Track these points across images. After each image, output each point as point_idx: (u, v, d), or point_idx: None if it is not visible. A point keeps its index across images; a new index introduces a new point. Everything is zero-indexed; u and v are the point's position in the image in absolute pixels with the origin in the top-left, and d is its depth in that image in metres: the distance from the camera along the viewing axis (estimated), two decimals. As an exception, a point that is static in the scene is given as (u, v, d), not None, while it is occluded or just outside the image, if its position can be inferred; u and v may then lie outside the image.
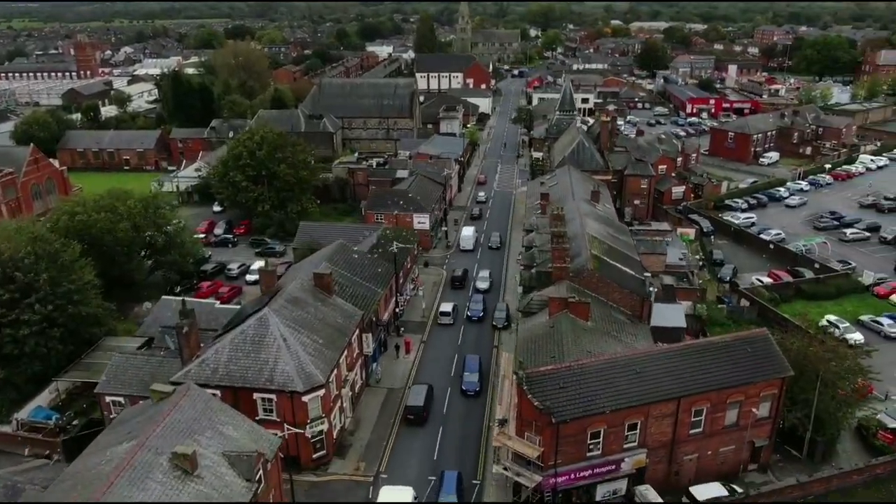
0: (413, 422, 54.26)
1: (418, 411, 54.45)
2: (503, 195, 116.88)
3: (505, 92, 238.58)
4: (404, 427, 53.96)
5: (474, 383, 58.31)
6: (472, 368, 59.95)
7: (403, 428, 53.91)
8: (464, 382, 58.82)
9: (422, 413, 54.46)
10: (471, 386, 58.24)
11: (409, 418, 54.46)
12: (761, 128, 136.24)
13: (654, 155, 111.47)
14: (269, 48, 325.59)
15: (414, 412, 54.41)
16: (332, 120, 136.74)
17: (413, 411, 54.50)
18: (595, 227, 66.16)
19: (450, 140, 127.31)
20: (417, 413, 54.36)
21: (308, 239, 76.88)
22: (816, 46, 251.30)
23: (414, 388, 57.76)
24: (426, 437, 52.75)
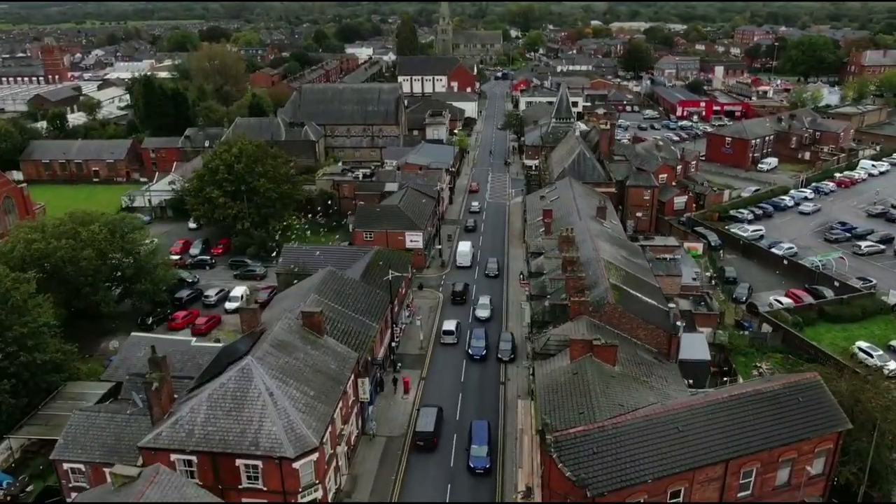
0: (423, 448, 51.09)
1: (428, 437, 51.25)
2: (496, 207, 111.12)
3: (490, 95, 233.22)
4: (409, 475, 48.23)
5: (483, 459, 48.84)
6: (481, 439, 50.16)
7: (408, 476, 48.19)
8: (471, 458, 49.09)
9: (432, 439, 51.25)
10: (479, 463, 48.75)
11: (418, 444, 51.27)
12: (759, 132, 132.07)
13: (654, 163, 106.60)
14: (246, 51, 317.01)
15: (423, 438, 51.21)
16: (314, 128, 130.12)
17: (423, 437, 51.28)
18: (608, 250, 60.62)
19: (438, 148, 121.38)
20: (427, 439, 51.15)
21: (292, 263, 70.48)
22: (801, 47, 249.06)
23: (423, 412, 54.10)
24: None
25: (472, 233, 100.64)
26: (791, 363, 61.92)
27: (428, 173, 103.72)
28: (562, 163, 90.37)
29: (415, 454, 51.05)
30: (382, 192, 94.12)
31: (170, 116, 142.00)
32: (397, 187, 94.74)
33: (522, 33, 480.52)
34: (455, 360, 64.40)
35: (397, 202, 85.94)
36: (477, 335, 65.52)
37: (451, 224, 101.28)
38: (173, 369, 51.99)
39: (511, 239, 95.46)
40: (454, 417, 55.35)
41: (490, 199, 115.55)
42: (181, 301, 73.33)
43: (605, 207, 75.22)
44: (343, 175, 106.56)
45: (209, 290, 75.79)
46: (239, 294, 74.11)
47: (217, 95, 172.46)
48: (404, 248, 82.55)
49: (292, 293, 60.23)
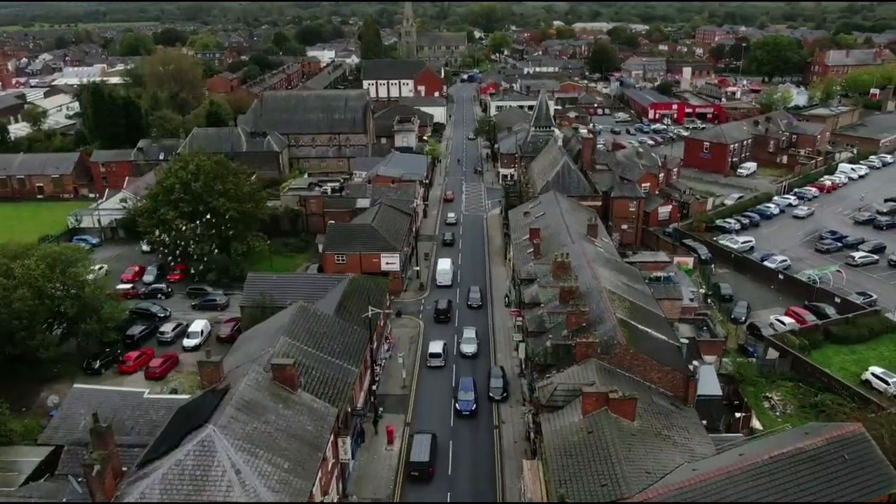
0: (418, 479, 48.59)
1: (423, 467, 48.84)
2: (473, 220, 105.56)
3: (457, 98, 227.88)
4: None
5: None
6: None
7: None
8: None
9: (427, 469, 48.85)
10: None
11: (412, 475, 48.78)
12: (737, 136, 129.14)
13: (636, 172, 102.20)
14: (202, 54, 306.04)
15: (418, 468, 48.83)
16: (277, 137, 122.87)
17: (417, 467, 48.85)
18: (608, 277, 55.42)
19: (410, 158, 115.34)
20: (422, 469, 48.79)
21: (258, 295, 63.80)
22: (766, 47, 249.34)
23: (417, 439, 51.42)
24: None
25: (451, 247, 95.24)
26: (803, 392, 57.75)
27: (401, 186, 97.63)
28: (544, 175, 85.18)
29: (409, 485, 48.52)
30: (354, 208, 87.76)
31: (121, 127, 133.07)
32: (369, 203, 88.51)
33: (485, 34, 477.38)
34: (443, 391, 58.64)
35: (370, 220, 79.68)
36: (464, 385, 57.88)
37: (427, 240, 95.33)
38: (123, 430, 45.46)
39: (492, 256, 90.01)
40: (446, 471, 49.57)
41: (466, 210, 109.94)
42: (133, 339, 65.91)
43: (596, 225, 70.12)
44: (310, 189, 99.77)
45: (165, 326, 68.42)
46: (198, 329, 67.04)
47: (172, 103, 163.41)
48: (379, 270, 76.56)
49: (259, 333, 53.64)
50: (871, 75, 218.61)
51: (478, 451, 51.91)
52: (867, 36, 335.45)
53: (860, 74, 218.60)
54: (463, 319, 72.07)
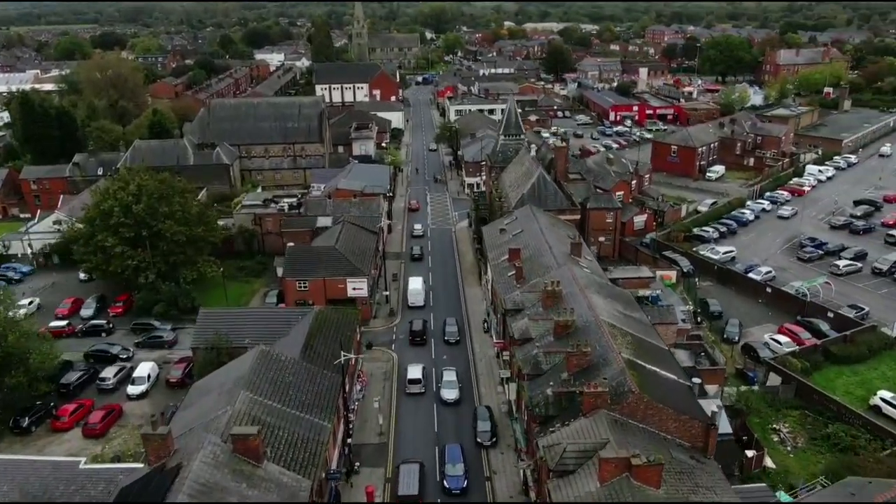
0: None
1: (413, 501, 45.72)
2: (441, 233, 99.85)
3: (413, 101, 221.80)
4: None
5: None
6: None
7: None
8: None
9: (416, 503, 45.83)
10: None
11: None
12: (705, 140, 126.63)
13: (609, 180, 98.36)
14: (144, 59, 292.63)
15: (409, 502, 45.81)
16: (227, 149, 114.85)
17: (408, 501, 45.71)
18: (603, 306, 50.41)
19: (371, 168, 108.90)
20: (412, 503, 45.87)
21: (212, 334, 56.74)
22: (719, 47, 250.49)
23: (403, 470, 48.01)
24: None
25: (419, 262, 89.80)
26: (811, 422, 53.83)
27: (364, 200, 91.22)
28: (518, 188, 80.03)
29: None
30: (314, 228, 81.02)
31: (54, 139, 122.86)
32: (331, 221, 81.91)
33: (436, 35, 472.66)
34: (426, 437, 52.90)
35: (334, 242, 73.15)
36: (452, 455, 49.34)
37: (394, 258, 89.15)
38: None
39: (465, 275, 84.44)
40: (434, 537, 43.83)
41: (433, 223, 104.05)
42: (69, 389, 58.03)
43: (580, 244, 65.27)
44: (265, 206, 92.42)
45: (106, 371, 60.63)
46: (145, 373, 59.52)
47: (112, 112, 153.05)
48: (346, 297, 70.23)
49: (215, 384, 46.82)
50: (822, 74, 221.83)
51: (469, 510, 46.32)
52: (811, 35, 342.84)
53: (812, 73, 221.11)
54: (440, 356, 65.63)
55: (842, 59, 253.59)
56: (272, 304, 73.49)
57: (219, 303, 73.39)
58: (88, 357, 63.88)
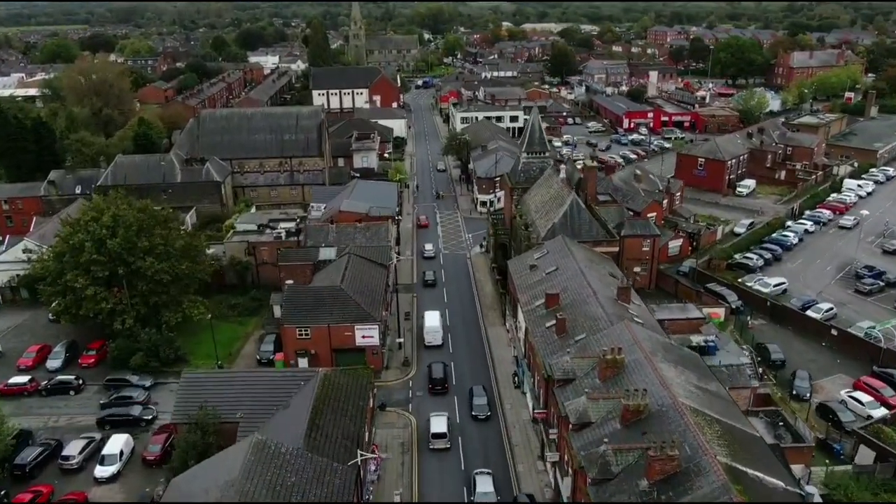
0: None
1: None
2: (455, 259, 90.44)
3: (414, 107, 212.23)
4: None
5: None
6: None
7: None
8: None
9: None
10: None
11: None
12: (733, 151, 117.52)
13: (640, 200, 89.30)
14: (133, 61, 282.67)
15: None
16: (218, 164, 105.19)
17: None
18: (676, 379, 41.12)
19: (377, 186, 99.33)
20: None
21: (195, 407, 47.09)
22: (730, 49, 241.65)
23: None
24: None
25: (433, 288, 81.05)
26: (922, 513, 44.61)
27: (370, 225, 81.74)
28: (547, 215, 70.63)
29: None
30: (316, 261, 71.43)
31: (31, 154, 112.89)
32: (335, 253, 72.38)
33: (434, 36, 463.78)
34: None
35: (339, 281, 63.66)
36: None
37: (404, 290, 79.59)
38: None
39: (486, 312, 75.04)
40: None
41: (445, 247, 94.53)
42: (25, 471, 48.34)
43: (629, 288, 56.01)
44: (260, 233, 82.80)
45: (70, 446, 50.92)
46: (116, 450, 49.82)
47: (95, 121, 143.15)
48: (354, 345, 60.88)
49: (197, 491, 37.29)
50: (839, 78, 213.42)
51: None
52: (819, 36, 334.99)
53: (828, 77, 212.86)
54: (468, 439, 54.61)
55: (857, 61, 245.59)
56: (268, 352, 64.05)
57: (207, 350, 63.92)
58: (103, 425, 54.67)
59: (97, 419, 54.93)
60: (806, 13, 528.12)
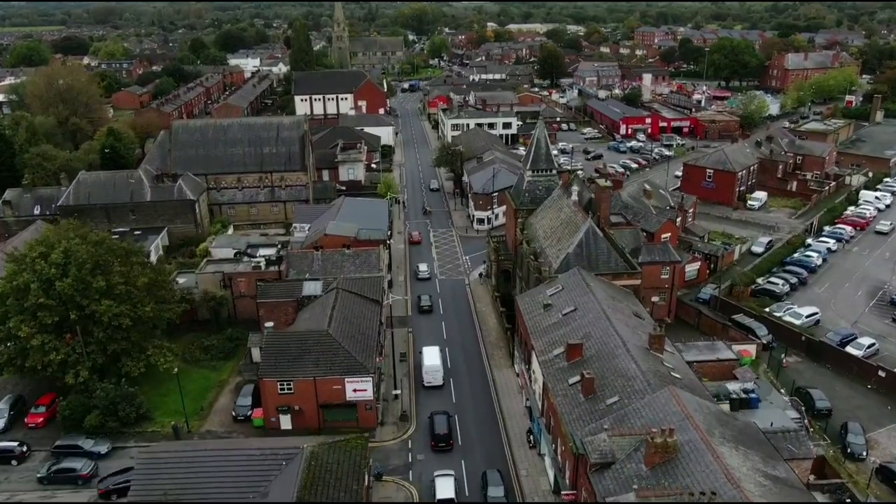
0: None
1: None
2: (453, 286, 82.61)
3: (401, 112, 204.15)
4: None
5: None
6: None
7: None
8: None
9: None
10: None
11: None
12: (743, 162, 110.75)
13: (652, 220, 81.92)
14: (108, 65, 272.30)
15: None
16: (192, 181, 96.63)
17: None
18: (741, 468, 33.62)
19: (365, 206, 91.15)
20: None
21: (160, 493, 38.95)
22: (723, 51, 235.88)
23: None
24: None
25: (429, 315, 74.27)
26: None
27: (360, 251, 73.74)
28: (559, 243, 63.06)
29: None
30: (299, 298, 63.30)
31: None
32: (321, 288, 64.32)
33: (419, 37, 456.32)
34: None
35: (326, 323, 55.69)
36: None
37: (399, 324, 71.63)
38: None
39: (490, 350, 67.36)
40: None
41: (441, 272, 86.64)
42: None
43: (663, 336, 48.57)
44: (237, 261, 74.48)
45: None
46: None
47: (62, 131, 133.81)
48: (344, 401, 53.00)
49: None
50: (836, 80, 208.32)
51: None
52: (809, 36, 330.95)
53: (825, 79, 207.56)
54: None
55: (851, 63, 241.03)
56: (245, 407, 55.90)
57: (175, 404, 55.62)
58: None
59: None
60: (791, 13, 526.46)
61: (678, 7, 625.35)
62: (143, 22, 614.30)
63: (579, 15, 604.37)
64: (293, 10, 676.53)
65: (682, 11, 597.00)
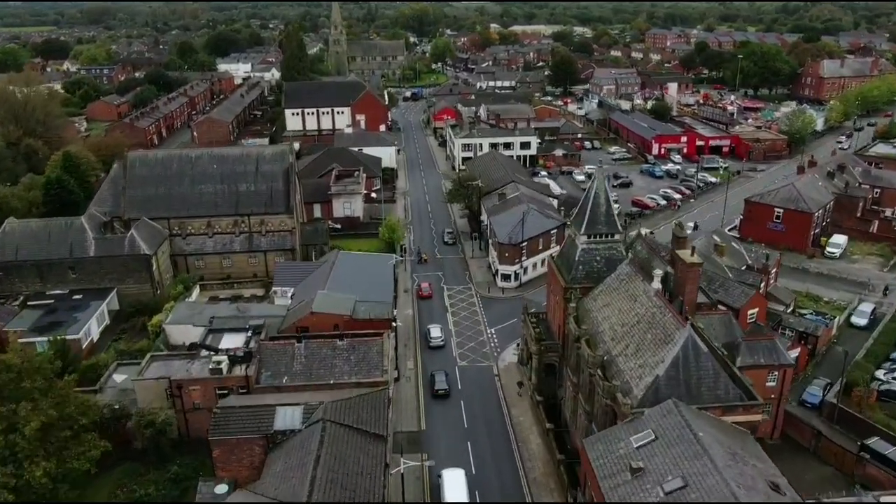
0: None
1: None
2: (477, 378, 63.78)
3: (403, 124, 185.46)
4: None
5: None
6: None
7: None
8: None
9: None
10: None
11: None
12: (818, 199, 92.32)
13: (735, 292, 63.25)
14: (88, 70, 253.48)
15: None
16: (148, 228, 78.02)
17: None
18: None
19: (364, 264, 72.36)
20: None
21: None
22: (753, 57, 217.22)
23: None
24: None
25: (445, 399, 56.18)
26: None
27: (356, 344, 54.88)
28: (638, 354, 44.43)
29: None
30: (269, 433, 44.33)
31: None
32: (300, 418, 45.23)
33: (420, 39, 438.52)
34: None
35: (305, 490, 36.98)
36: None
37: (409, 444, 52.96)
38: None
39: (535, 490, 48.66)
40: None
41: (460, 357, 67.62)
42: None
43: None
44: (188, 362, 55.55)
45: None
46: None
47: (13, 155, 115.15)
48: None
49: None
50: (880, 90, 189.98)
51: None
52: (833, 40, 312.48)
53: (869, 89, 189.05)
54: None
55: (892, 70, 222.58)
56: None
57: None
58: None
59: None
60: (803, 14, 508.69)
61: (685, 7, 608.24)
62: (137, 22, 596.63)
63: (584, 15, 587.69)
64: (291, 11, 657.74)
65: (690, 12, 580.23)
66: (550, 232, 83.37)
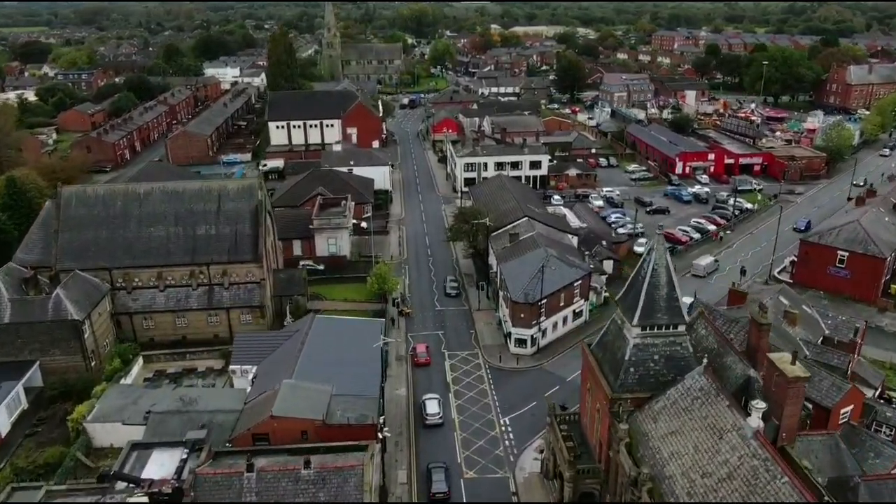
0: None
1: None
2: (488, 492, 49.31)
3: (400, 136, 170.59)
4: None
5: None
6: None
7: None
8: None
9: None
10: None
11: None
12: (887, 239, 77.83)
13: (824, 385, 48.55)
14: (65, 75, 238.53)
15: None
16: (82, 284, 63.37)
17: None
18: None
19: (347, 337, 57.74)
20: None
21: None
22: (775, 62, 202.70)
23: None
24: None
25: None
26: None
27: (326, 472, 40.30)
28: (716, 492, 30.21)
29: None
30: None
31: None
32: None
33: (418, 41, 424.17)
34: None
35: None
36: None
37: None
38: None
39: None
40: None
41: (465, 459, 53.13)
42: None
43: None
44: (104, 492, 40.91)
45: None
46: None
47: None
48: None
49: None
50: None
51: None
52: (851, 42, 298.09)
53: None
54: None
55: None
56: None
57: None
58: None
59: None
60: (810, 14, 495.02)
61: (689, 8, 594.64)
62: (130, 23, 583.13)
63: (586, 16, 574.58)
64: (287, 11, 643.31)
65: (695, 13, 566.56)
66: (574, 284, 68.85)
